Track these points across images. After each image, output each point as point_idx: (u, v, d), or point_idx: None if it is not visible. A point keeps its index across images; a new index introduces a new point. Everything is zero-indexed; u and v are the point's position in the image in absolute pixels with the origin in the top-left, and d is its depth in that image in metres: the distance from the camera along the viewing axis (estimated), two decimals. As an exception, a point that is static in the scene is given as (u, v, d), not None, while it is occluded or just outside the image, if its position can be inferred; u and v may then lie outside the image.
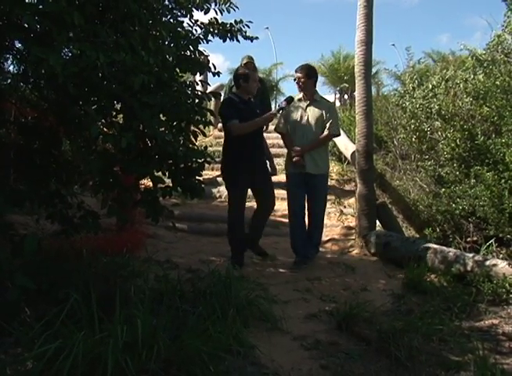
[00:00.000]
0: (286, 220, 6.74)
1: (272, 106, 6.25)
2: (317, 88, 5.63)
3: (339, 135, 5.72)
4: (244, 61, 7.74)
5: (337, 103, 25.01)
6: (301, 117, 5.48)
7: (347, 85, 26.97)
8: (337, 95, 29.14)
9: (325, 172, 5.60)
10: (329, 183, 8.34)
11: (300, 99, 5.55)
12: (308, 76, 5.45)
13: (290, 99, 5.48)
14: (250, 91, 5.49)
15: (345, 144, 7.68)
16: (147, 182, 4.42)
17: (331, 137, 5.72)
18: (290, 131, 5.56)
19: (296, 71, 5.53)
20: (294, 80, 5.56)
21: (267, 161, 5.87)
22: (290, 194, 5.60)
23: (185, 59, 3.98)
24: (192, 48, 4.08)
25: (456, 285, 4.73)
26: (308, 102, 5.49)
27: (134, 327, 2.82)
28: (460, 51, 9.63)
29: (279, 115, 5.73)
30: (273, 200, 5.57)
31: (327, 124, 5.43)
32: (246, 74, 5.50)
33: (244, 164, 5.30)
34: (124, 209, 3.79)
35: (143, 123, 3.40)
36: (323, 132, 5.46)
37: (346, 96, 27.55)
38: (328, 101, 5.86)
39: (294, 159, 5.43)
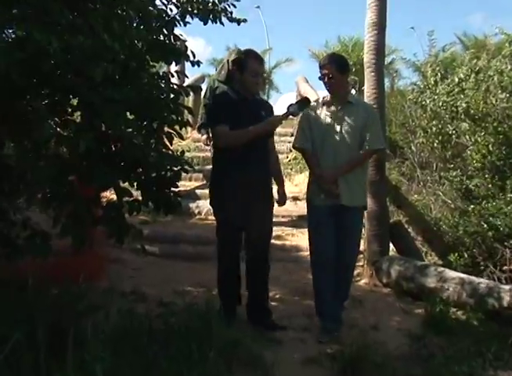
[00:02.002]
0: (276, 241, 6.74)
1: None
2: (319, 81, 4.92)
3: (383, 149, 5.10)
4: (232, 57, 6.71)
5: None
6: (331, 127, 4.74)
7: (356, 78, 27.07)
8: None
9: (363, 203, 4.94)
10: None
11: (327, 103, 4.86)
12: (340, 70, 4.73)
13: (304, 102, 4.86)
14: (246, 87, 4.74)
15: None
16: (110, 195, 4.39)
17: (372, 154, 5.03)
18: (315, 148, 4.81)
19: (322, 65, 4.79)
20: (320, 78, 4.81)
21: (272, 184, 5.02)
22: (316, 235, 4.84)
23: (157, 45, 3.96)
24: (166, 32, 4.07)
25: (490, 324, 4.73)
26: (340, 106, 4.77)
27: (91, 374, 2.79)
28: (496, 35, 9.71)
29: (297, 124, 5.06)
30: (265, 249, 4.85)
31: (367, 136, 4.71)
32: (241, 61, 4.80)
33: (233, 188, 4.60)
34: (81, 228, 3.76)
35: (106, 122, 3.38)
36: (361, 147, 4.75)
37: (354, 91, 27.61)
38: (367, 103, 5.35)
39: (327, 186, 4.70)
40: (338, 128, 4.74)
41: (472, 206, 6.54)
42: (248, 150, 4.56)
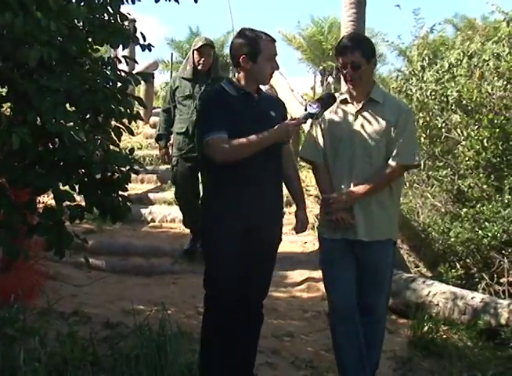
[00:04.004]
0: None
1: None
2: (290, 67, 4.78)
3: (418, 166, 4.50)
4: (198, 45, 6.75)
5: (319, 89, 25.20)
6: (348, 133, 4.13)
7: (332, 64, 27.23)
8: (319, 78, 29.35)
9: (389, 237, 4.20)
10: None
11: (344, 100, 4.23)
12: (367, 57, 4.08)
13: (327, 99, 4.09)
14: (260, 77, 4.09)
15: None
16: (48, 200, 4.37)
17: (402, 171, 4.26)
18: (327, 160, 4.22)
19: (341, 50, 4.13)
20: (338, 68, 4.29)
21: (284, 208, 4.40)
22: (329, 278, 4.29)
23: (101, 26, 3.95)
24: (111, 10, 4.06)
25: (485, 345, 4.77)
26: (361, 105, 4.14)
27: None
28: (492, 14, 9.77)
29: (309, 126, 4.44)
30: (263, 298, 4.40)
31: (395, 147, 4.06)
32: (254, 40, 4.01)
33: (233, 220, 3.97)
34: (13, 238, 3.73)
35: (42, 115, 3.36)
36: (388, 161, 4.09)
37: (330, 79, 27.76)
38: (399, 102, 4.60)
39: (334, 215, 4.07)
40: (357, 133, 4.12)
41: (465, 209, 6.60)
42: (254, 166, 3.93)
